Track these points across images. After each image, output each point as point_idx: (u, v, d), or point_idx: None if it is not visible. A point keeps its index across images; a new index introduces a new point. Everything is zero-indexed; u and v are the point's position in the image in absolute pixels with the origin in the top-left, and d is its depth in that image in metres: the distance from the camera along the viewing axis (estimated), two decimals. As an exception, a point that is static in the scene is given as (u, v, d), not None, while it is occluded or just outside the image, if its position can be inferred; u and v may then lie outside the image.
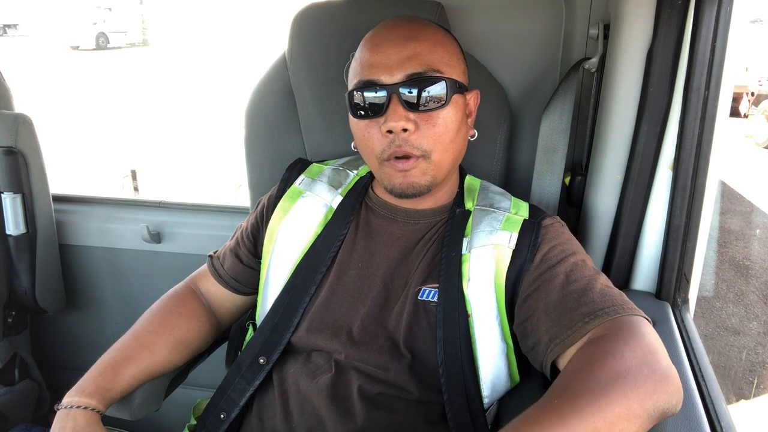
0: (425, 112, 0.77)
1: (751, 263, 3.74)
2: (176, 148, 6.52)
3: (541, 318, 0.73)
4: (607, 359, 0.60)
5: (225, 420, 0.85)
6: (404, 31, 0.79)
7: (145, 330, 0.90)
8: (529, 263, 0.78)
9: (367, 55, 0.79)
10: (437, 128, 0.77)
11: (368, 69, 0.78)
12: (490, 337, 0.80)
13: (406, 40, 0.78)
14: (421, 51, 0.77)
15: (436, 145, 0.78)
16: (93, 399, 0.78)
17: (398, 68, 0.76)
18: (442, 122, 0.78)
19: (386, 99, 0.76)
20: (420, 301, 0.81)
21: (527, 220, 0.83)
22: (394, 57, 0.76)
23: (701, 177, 0.89)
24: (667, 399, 0.58)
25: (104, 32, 18.06)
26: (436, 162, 0.79)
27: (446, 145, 0.79)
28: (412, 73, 0.76)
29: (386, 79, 0.76)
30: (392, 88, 0.76)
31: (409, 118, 0.76)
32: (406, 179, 0.79)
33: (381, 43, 0.79)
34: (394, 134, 0.77)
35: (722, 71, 0.85)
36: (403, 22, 0.82)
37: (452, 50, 0.82)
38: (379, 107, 0.77)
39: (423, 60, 0.76)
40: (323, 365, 0.83)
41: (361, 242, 0.88)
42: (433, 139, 0.78)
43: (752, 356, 2.80)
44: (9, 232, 1.46)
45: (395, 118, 0.75)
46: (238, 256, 0.97)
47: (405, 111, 0.76)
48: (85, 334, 1.75)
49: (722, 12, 0.82)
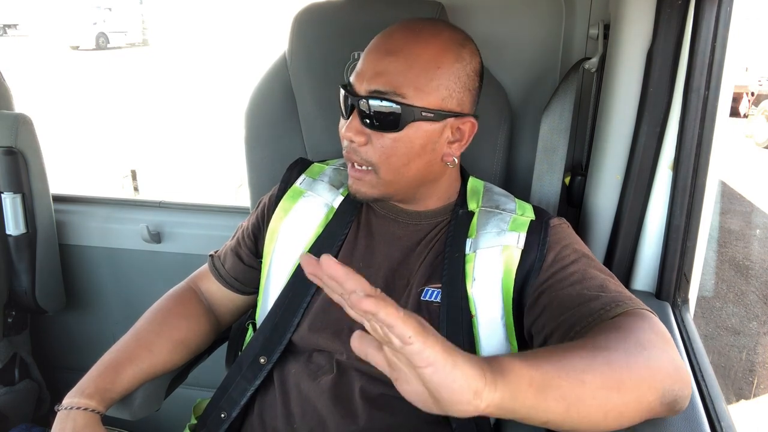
0: (377, 131, 0.76)
1: (751, 263, 3.74)
2: (176, 148, 6.52)
3: (557, 310, 0.72)
4: (633, 331, 0.61)
5: (225, 419, 0.85)
6: (391, 44, 0.77)
7: (146, 330, 0.90)
8: (540, 263, 0.78)
9: (361, 57, 0.80)
10: (385, 149, 0.77)
11: (354, 73, 0.79)
12: (494, 338, 0.79)
13: (386, 53, 0.76)
14: (392, 69, 0.74)
15: (383, 163, 0.78)
16: (93, 400, 0.78)
17: (368, 81, 0.75)
18: (391, 145, 0.76)
19: (350, 108, 0.78)
20: (423, 302, 0.81)
21: (534, 221, 0.83)
22: (370, 68, 0.76)
23: (701, 177, 0.89)
24: (682, 387, 0.59)
25: (104, 32, 18.05)
26: (385, 180, 0.79)
27: (397, 168, 0.78)
28: (375, 90, 0.75)
29: (357, 88, 0.77)
30: (355, 100, 0.76)
31: (361, 132, 0.76)
32: (355, 185, 0.81)
33: (369, 50, 0.79)
34: (347, 141, 0.78)
35: (722, 71, 0.85)
36: (401, 31, 0.78)
37: (436, 74, 0.75)
38: (347, 113, 0.79)
39: (389, 79, 0.74)
40: (325, 365, 0.83)
41: (362, 242, 0.88)
42: (380, 157, 0.77)
43: (752, 356, 2.81)
44: (9, 232, 1.46)
45: (348, 128, 0.77)
46: (239, 256, 0.97)
47: (360, 125, 0.76)
48: (85, 334, 1.75)
49: (722, 12, 0.82)
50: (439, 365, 0.44)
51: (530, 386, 0.49)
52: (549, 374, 0.51)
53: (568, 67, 1.12)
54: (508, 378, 0.48)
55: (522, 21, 1.19)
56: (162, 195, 2.21)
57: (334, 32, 1.08)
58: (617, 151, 1.00)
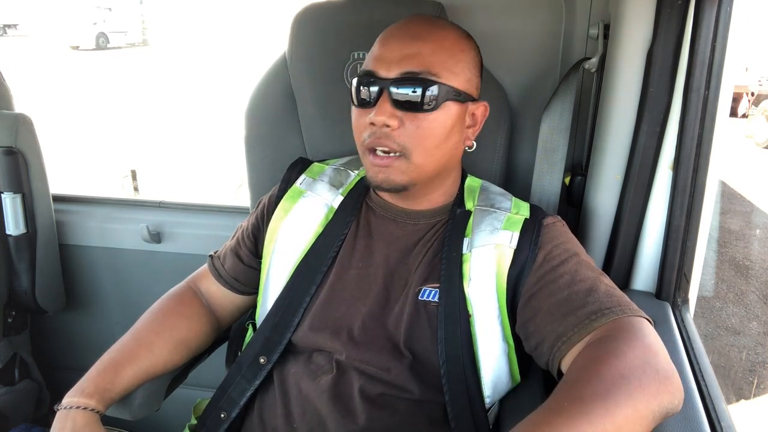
0: (412, 112, 0.77)
1: (751, 263, 3.74)
2: (176, 148, 6.51)
3: (546, 317, 0.73)
4: (610, 360, 0.60)
5: (225, 419, 0.85)
6: (414, 29, 0.79)
7: (145, 330, 0.90)
8: (531, 262, 0.78)
9: (375, 47, 0.81)
10: (420, 130, 0.77)
11: (372, 61, 0.79)
12: (491, 337, 0.80)
13: (412, 38, 0.78)
14: (422, 51, 0.77)
15: (417, 146, 0.78)
16: (92, 399, 0.78)
17: (396, 64, 0.76)
18: (427, 125, 0.77)
19: (377, 93, 0.77)
20: (420, 302, 0.81)
21: (528, 220, 0.83)
22: (396, 53, 0.77)
23: (701, 177, 0.89)
24: (670, 399, 0.59)
25: (104, 32, 18.05)
26: (416, 163, 0.79)
27: (430, 150, 0.79)
28: (408, 72, 0.76)
29: (383, 73, 0.77)
30: (384, 83, 0.76)
31: (394, 115, 0.76)
32: (382, 174, 0.80)
33: (389, 37, 0.80)
34: (377, 127, 0.77)
35: (722, 71, 0.85)
36: (419, 20, 0.82)
37: (461, 57, 0.80)
38: (372, 99, 0.78)
39: (421, 60, 0.76)
40: (324, 365, 0.83)
41: (362, 242, 0.88)
42: (415, 140, 0.77)
43: (752, 356, 2.80)
44: (9, 232, 1.46)
45: (379, 113, 0.76)
46: (239, 256, 0.97)
47: (392, 108, 0.76)
48: (85, 334, 1.75)
49: (722, 12, 0.82)
50: None
51: None
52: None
53: (568, 67, 1.12)
54: None
55: (522, 21, 1.19)
56: (162, 195, 2.21)
57: (334, 32, 1.08)
58: (617, 151, 1.00)
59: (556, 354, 0.70)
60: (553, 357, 0.71)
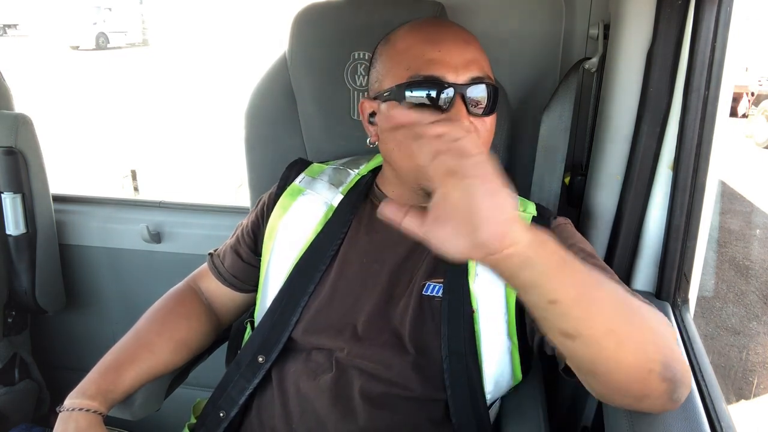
0: (480, 117, 0.77)
1: (751, 263, 3.74)
2: (176, 148, 6.51)
3: None
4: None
5: (224, 419, 0.85)
6: (460, 34, 0.79)
7: (146, 331, 0.90)
8: None
9: (425, 50, 0.76)
10: (487, 133, 0.79)
11: (429, 64, 0.75)
12: (495, 334, 0.80)
13: (466, 42, 0.78)
14: (478, 56, 0.78)
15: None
16: (95, 401, 0.78)
17: (463, 69, 0.75)
18: (490, 128, 0.79)
19: (451, 98, 0.74)
20: (425, 296, 0.81)
21: (536, 218, 0.84)
22: (458, 57, 0.75)
23: (701, 177, 0.89)
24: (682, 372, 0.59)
25: (104, 32, 18.04)
26: None
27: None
28: (476, 77, 0.76)
29: (452, 78, 0.75)
30: (460, 88, 0.74)
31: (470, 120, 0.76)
32: None
33: (441, 40, 0.77)
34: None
35: (722, 71, 0.85)
36: (450, 23, 0.82)
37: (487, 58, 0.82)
38: (441, 105, 0.75)
39: (480, 65, 0.77)
40: (324, 363, 0.83)
41: (365, 238, 0.88)
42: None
43: (752, 356, 2.80)
44: (9, 232, 1.46)
45: (463, 118, 0.74)
46: (239, 254, 0.97)
47: (467, 113, 0.75)
48: (85, 334, 1.75)
49: (722, 12, 0.82)
50: (494, 177, 0.47)
51: (555, 254, 0.52)
52: (574, 261, 0.53)
53: (568, 67, 1.12)
54: (540, 235, 0.51)
55: (522, 21, 1.19)
56: (162, 195, 2.21)
57: (334, 32, 1.08)
58: (617, 151, 1.00)
59: None
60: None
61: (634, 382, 0.57)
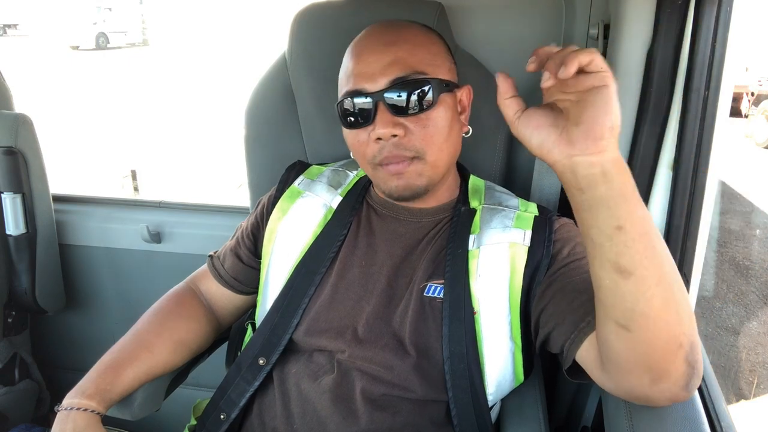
0: (414, 115, 0.77)
1: (751, 263, 3.74)
2: (176, 148, 6.51)
3: (569, 296, 0.72)
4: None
5: (225, 420, 0.85)
6: (383, 37, 0.79)
7: (146, 331, 0.90)
8: (546, 259, 0.78)
9: (350, 65, 0.80)
10: (428, 129, 0.77)
11: (352, 79, 0.78)
12: (497, 335, 0.79)
13: (385, 45, 0.78)
14: (401, 55, 0.77)
15: (429, 146, 0.78)
16: (93, 401, 0.78)
17: (381, 75, 0.76)
18: (432, 123, 0.77)
19: (372, 106, 0.76)
20: (426, 298, 0.81)
21: (538, 217, 0.84)
22: (376, 64, 0.76)
23: (701, 177, 0.89)
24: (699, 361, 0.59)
25: (104, 32, 18.06)
26: (431, 162, 0.79)
27: (440, 145, 0.79)
28: (396, 78, 0.76)
29: (370, 87, 0.76)
30: (377, 96, 0.76)
31: (397, 123, 0.76)
32: (401, 181, 0.80)
33: (361, 52, 0.79)
34: (384, 141, 0.77)
35: (722, 71, 0.84)
36: (383, 27, 0.82)
37: (435, 49, 0.81)
38: (367, 115, 0.77)
39: (405, 64, 0.76)
40: (325, 365, 0.83)
41: (363, 240, 0.88)
42: (426, 140, 0.77)
43: (752, 356, 2.80)
44: (9, 232, 1.46)
45: (383, 125, 0.75)
46: (239, 256, 0.97)
47: (392, 116, 0.76)
48: (85, 334, 1.75)
49: (722, 12, 0.81)
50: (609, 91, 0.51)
51: (630, 182, 0.55)
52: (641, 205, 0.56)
53: (568, 67, 1.12)
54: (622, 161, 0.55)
55: (522, 21, 1.19)
56: (162, 195, 2.21)
57: (334, 32, 1.08)
58: (617, 151, 1.00)
59: (579, 334, 0.68)
60: (575, 337, 0.69)
61: (662, 352, 0.57)
